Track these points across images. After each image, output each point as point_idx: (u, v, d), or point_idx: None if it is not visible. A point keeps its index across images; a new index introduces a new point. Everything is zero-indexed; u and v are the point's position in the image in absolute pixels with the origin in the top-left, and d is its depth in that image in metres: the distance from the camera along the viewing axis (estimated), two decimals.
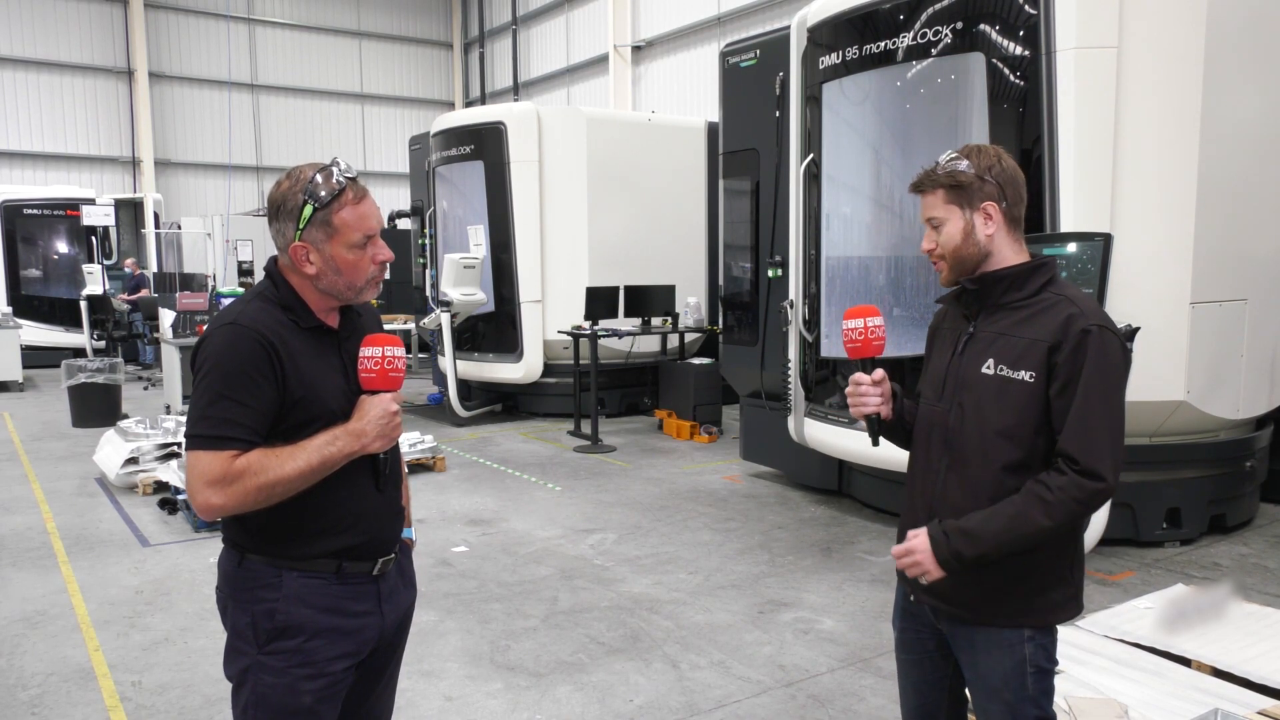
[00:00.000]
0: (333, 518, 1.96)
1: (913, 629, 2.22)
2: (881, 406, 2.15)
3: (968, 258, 2.03)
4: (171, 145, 21.92)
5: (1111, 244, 4.82)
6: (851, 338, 2.14)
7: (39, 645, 4.29)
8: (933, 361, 2.18)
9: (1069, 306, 1.95)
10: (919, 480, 2.14)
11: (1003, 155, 2.05)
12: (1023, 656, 2.01)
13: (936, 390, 2.11)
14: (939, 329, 2.21)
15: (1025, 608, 2.01)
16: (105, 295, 13.89)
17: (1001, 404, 1.97)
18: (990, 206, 2.00)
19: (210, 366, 1.86)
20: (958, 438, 2.04)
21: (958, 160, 2.02)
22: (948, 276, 2.09)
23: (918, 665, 2.24)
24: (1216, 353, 5.32)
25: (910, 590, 2.16)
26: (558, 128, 9.82)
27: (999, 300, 2.03)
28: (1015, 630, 2.01)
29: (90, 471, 7.72)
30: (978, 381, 2.02)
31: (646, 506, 6.64)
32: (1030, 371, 1.94)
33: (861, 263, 6.01)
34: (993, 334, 2.02)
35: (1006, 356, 1.98)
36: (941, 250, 2.05)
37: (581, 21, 20.52)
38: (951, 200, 2.02)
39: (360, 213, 1.94)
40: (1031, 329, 1.96)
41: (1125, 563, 5.26)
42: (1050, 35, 4.97)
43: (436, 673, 3.96)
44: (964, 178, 2.00)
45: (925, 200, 2.07)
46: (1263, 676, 3.44)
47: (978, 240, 2.01)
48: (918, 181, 2.08)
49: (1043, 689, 2.04)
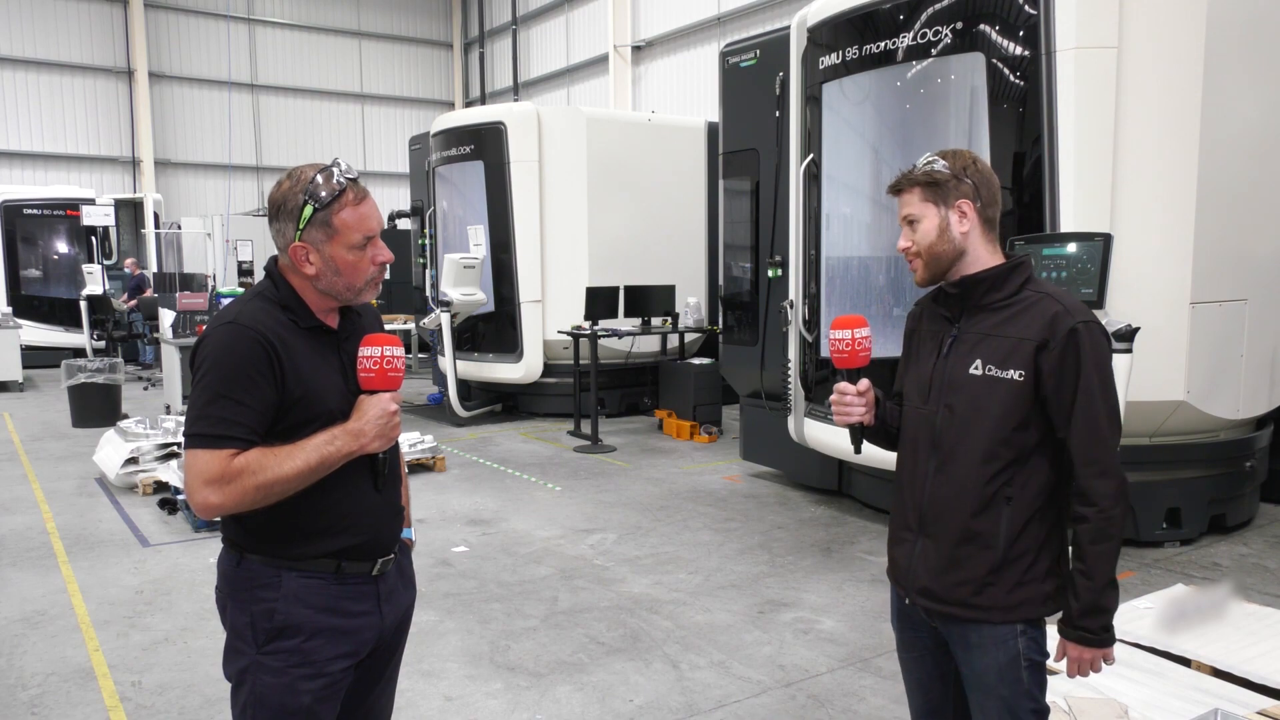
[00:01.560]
0: (332, 518, 1.96)
1: (910, 629, 2.25)
2: (865, 416, 2.18)
3: (942, 255, 2.06)
4: (171, 145, 21.92)
5: (1111, 244, 4.82)
6: (839, 348, 2.16)
7: (39, 645, 4.29)
8: (915, 365, 2.20)
9: (1053, 304, 1.99)
10: (907, 483, 2.17)
11: (978, 159, 2.10)
12: (1016, 651, 2.04)
13: (923, 393, 2.14)
14: (916, 331, 2.24)
15: (1016, 603, 2.04)
16: (105, 295, 13.89)
17: (990, 404, 2.01)
18: (965, 204, 2.04)
19: (209, 366, 1.86)
20: (946, 439, 2.07)
21: (934, 161, 2.07)
22: (923, 275, 2.11)
23: (919, 662, 2.26)
24: (1216, 353, 5.32)
25: (904, 592, 2.19)
26: (558, 128, 9.82)
27: (980, 301, 2.07)
28: (1008, 626, 2.04)
29: (90, 471, 7.72)
30: (966, 382, 2.05)
31: (646, 506, 6.64)
32: (1019, 370, 1.98)
33: (861, 263, 6.01)
34: (978, 335, 2.06)
35: (994, 356, 2.01)
36: (917, 248, 2.08)
37: (581, 21, 20.53)
38: (927, 198, 2.06)
39: (360, 214, 1.94)
40: (1016, 328, 2.00)
41: (1125, 563, 5.26)
42: (1050, 35, 4.97)
43: (436, 673, 3.96)
44: (940, 175, 2.05)
45: (902, 199, 2.11)
46: (1263, 676, 3.44)
47: (953, 237, 2.05)
48: (895, 182, 2.13)
49: (1037, 682, 2.08)
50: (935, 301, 2.17)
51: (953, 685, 2.26)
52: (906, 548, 2.17)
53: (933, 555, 2.10)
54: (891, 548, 2.25)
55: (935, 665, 2.24)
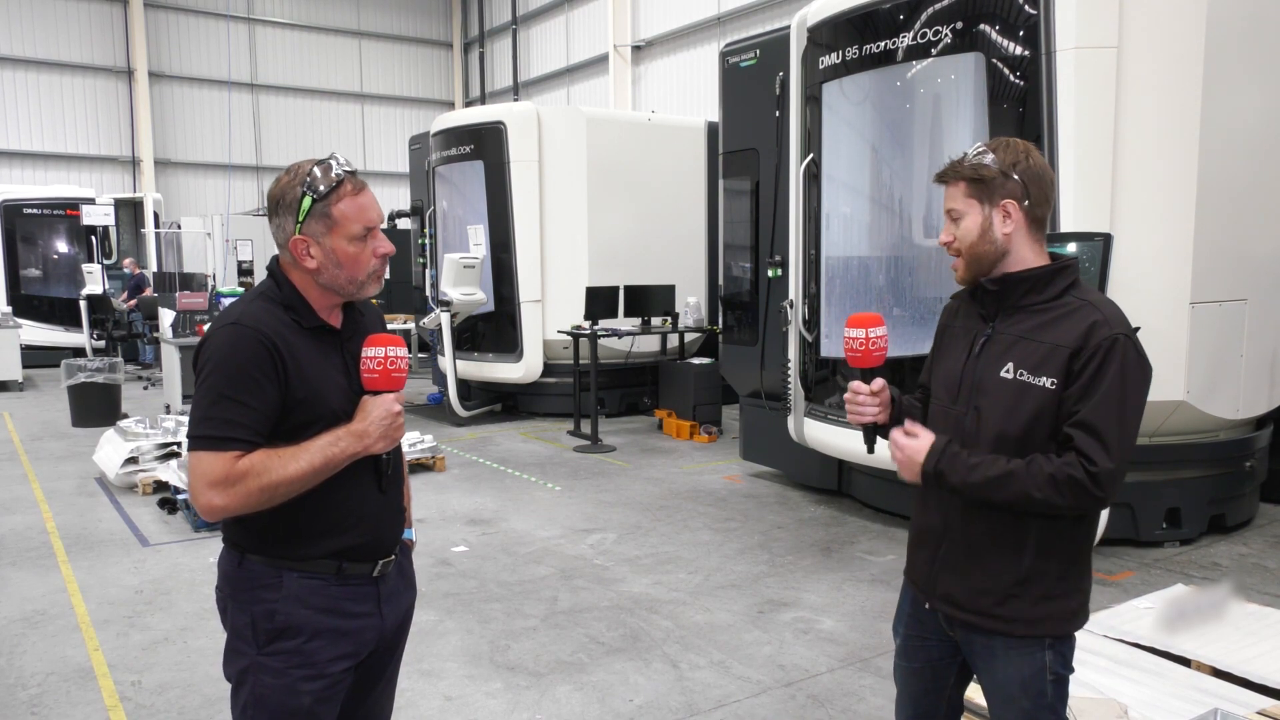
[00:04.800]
0: (334, 518, 1.96)
1: (918, 635, 2.18)
2: (879, 415, 2.12)
3: (983, 255, 1.99)
4: (171, 145, 21.91)
5: (1111, 244, 4.82)
6: (853, 347, 2.09)
7: (39, 645, 4.29)
8: (945, 362, 2.13)
9: (1093, 313, 1.90)
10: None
11: (1031, 151, 1.98)
12: (1043, 664, 1.98)
13: (951, 393, 2.07)
14: (950, 326, 2.16)
15: (1044, 615, 1.98)
16: (105, 295, 13.89)
17: (1020, 410, 1.93)
18: (1010, 204, 1.95)
19: (212, 367, 1.86)
20: (973, 441, 1.99)
21: (984, 153, 1.97)
22: (964, 274, 2.04)
23: (919, 675, 2.21)
24: (1216, 353, 5.32)
25: (924, 596, 2.12)
26: (558, 128, 9.82)
27: (1019, 302, 1.99)
28: (1036, 639, 1.98)
29: (90, 471, 7.72)
30: (996, 386, 1.97)
31: (646, 506, 6.64)
32: (1051, 378, 1.89)
33: (861, 263, 6.01)
34: (1012, 337, 1.97)
35: (1028, 361, 1.93)
36: (959, 244, 2.01)
37: (581, 21, 20.52)
38: (972, 194, 1.98)
39: (360, 204, 1.94)
40: (1053, 334, 1.92)
41: (1125, 563, 5.26)
42: (1050, 35, 4.97)
43: (436, 672, 3.96)
44: (987, 172, 1.95)
45: (947, 191, 2.02)
46: (1263, 676, 3.44)
47: (994, 238, 1.97)
48: (942, 172, 2.03)
49: (1060, 696, 2.01)
50: (973, 298, 2.09)
51: (945, 704, 2.21)
52: (929, 551, 2.10)
53: (958, 560, 2.03)
54: (913, 550, 2.18)
55: (934, 678, 2.18)
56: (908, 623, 2.21)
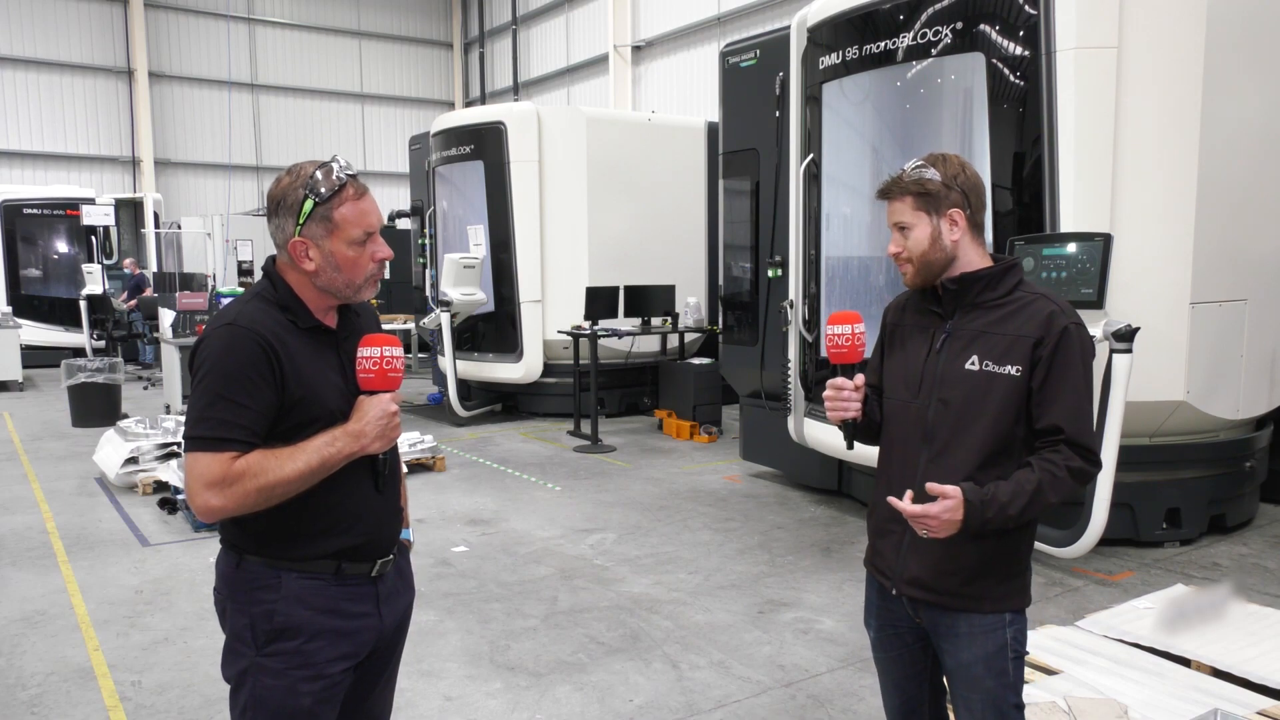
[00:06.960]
0: (332, 519, 1.96)
1: (889, 626, 2.27)
2: (857, 411, 2.23)
3: (935, 262, 2.13)
4: (171, 145, 21.92)
5: (1111, 244, 4.82)
6: (837, 343, 2.22)
7: (39, 645, 4.29)
8: (900, 359, 2.25)
9: (1048, 304, 2.07)
10: (896, 475, 2.19)
11: (966, 165, 2.15)
12: (1004, 641, 2.10)
13: (911, 388, 2.18)
14: (900, 325, 2.29)
15: (1007, 592, 2.11)
16: (105, 295, 13.89)
17: (988, 398, 2.07)
18: (956, 213, 2.10)
19: (209, 368, 1.86)
20: (940, 432, 2.12)
21: (924, 168, 2.12)
22: (914, 280, 2.18)
23: (898, 662, 2.29)
24: (1216, 353, 5.32)
25: (891, 584, 2.20)
26: (558, 128, 9.82)
27: (975, 299, 2.13)
28: (997, 615, 2.10)
29: (90, 471, 7.72)
30: (962, 378, 2.10)
31: (646, 506, 6.64)
32: (1016, 366, 2.05)
33: (861, 263, 6.01)
34: (973, 332, 2.11)
35: (992, 353, 2.07)
36: (909, 254, 2.14)
37: (581, 21, 20.53)
38: (919, 207, 2.11)
39: (361, 209, 1.94)
40: (1013, 325, 2.07)
41: (1125, 563, 5.26)
42: (1050, 35, 4.96)
43: (436, 672, 3.96)
44: (932, 185, 2.09)
45: (893, 206, 2.16)
46: (1263, 676, 3.44)
47: (944, 245, 2.11)
48: (885, 188, 2.17)
49: (1019, 675, 2.13)
50: (923, 298, 2.22)
51: (928, 685, 2.29)
52: (894, 539, 2.19)
53: (924, 545, 2.11)
54: (876, 539, 2.27)
55: (912, 663, 2.27)
56: (878, 614, 2.30)
